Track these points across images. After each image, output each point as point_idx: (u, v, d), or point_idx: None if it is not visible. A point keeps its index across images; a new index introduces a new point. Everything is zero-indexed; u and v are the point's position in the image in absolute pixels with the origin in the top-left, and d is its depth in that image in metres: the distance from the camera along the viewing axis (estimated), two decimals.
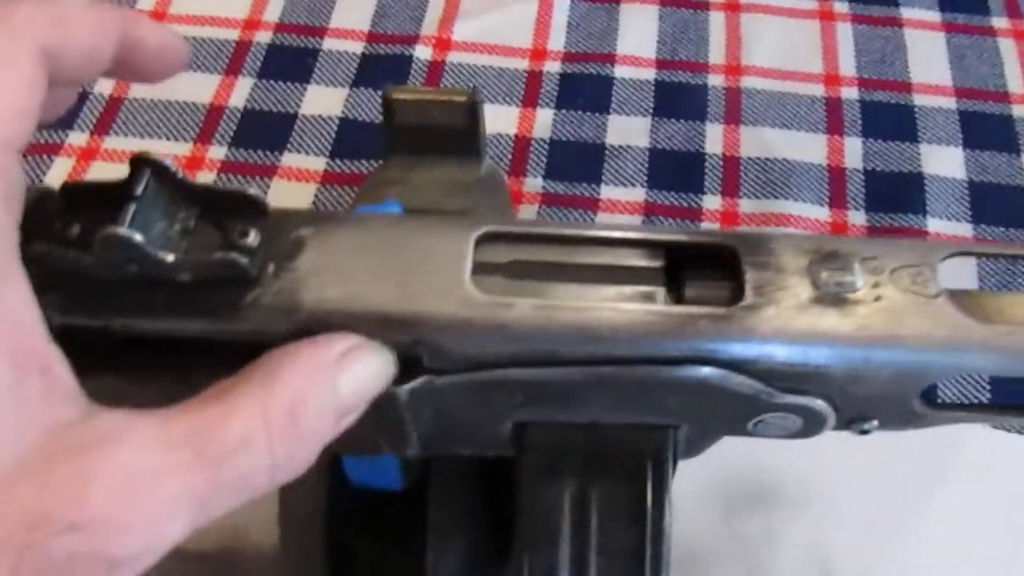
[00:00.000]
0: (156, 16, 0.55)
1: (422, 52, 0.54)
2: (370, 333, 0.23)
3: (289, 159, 0.50)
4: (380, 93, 0.52)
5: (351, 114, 0.52)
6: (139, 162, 0.23)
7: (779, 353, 0.23)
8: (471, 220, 0.24)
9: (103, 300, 0.23)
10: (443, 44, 0.55)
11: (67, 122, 0.51)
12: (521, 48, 0.55)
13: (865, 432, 0.25)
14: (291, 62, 0.54)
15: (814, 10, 0.57)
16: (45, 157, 0.50)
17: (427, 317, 0.23)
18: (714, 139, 0.51)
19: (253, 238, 0.23)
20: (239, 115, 0.52)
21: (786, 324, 0.23)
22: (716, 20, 0.56)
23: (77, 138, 0.50)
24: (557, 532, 0.25)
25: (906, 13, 0.57)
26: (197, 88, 0.52)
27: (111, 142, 0.51)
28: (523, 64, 0.54)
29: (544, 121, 0.52)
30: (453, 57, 0.54)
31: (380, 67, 0.54)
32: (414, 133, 0.41)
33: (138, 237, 0.21)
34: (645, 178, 0.50)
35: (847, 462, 0.40)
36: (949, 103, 0.53)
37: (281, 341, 0.23)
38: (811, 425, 0.25)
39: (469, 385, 0.24)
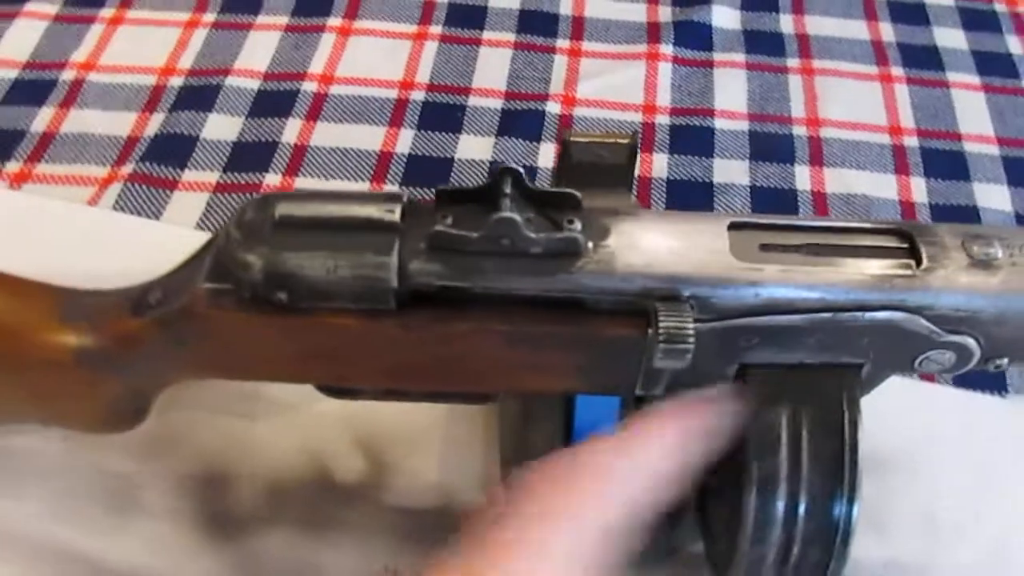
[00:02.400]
0: (325, 79, 0.66)
1: (552, 107, 0.65)
2: (660, 287, 0.32)
3: None
4: (522, 141, 0.63)
5: (499, 158, 0.62)
6: (504, 171, 0.32)
7: (948, 301, 0.32)
8: (720, 215, 0.34)
9: (471, 268, 0.33)
10: (569, 100, 0.65)
11: (264, 165, 0.61)
12: (634, 103, 0.66)
13: (998, 367, 0.35)
14: (443, 115, 0.64)
15: (875, 74, 0.68)
16: (250, 194, 0.59)
17: (700, 276, 0.32)
18: (803, 178, 0.62)
19: (578, 224, 0.33)
20: (405, 159, 0.62)
21: (953, 280, 0.32)
22: (795, 81, 0.67)
23: (272, 179, 0.60)
24: (777, 443, 0.34)
25: (951, 76, 0.68)
26: (368, 138, 0.63)
27: (300, 182, 0.60)
28: (637, 117, 0.65)
29: (660, 164, 0.62)
30: (579, 111, 0.65)
31: (519, 120, 0.64)
32: (583, 168, 0.51)
33: (519, 218, 0.31)
34: (749, 210, 0.60)
35: (947, 439, 0.49)
36: (993, 150, 0.64)
37: (595, 297, 0.32)
38: (961, 360, 0.34)
39: (722, 330, 0.33)
